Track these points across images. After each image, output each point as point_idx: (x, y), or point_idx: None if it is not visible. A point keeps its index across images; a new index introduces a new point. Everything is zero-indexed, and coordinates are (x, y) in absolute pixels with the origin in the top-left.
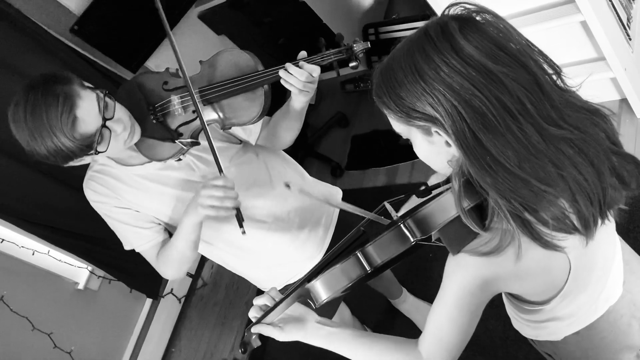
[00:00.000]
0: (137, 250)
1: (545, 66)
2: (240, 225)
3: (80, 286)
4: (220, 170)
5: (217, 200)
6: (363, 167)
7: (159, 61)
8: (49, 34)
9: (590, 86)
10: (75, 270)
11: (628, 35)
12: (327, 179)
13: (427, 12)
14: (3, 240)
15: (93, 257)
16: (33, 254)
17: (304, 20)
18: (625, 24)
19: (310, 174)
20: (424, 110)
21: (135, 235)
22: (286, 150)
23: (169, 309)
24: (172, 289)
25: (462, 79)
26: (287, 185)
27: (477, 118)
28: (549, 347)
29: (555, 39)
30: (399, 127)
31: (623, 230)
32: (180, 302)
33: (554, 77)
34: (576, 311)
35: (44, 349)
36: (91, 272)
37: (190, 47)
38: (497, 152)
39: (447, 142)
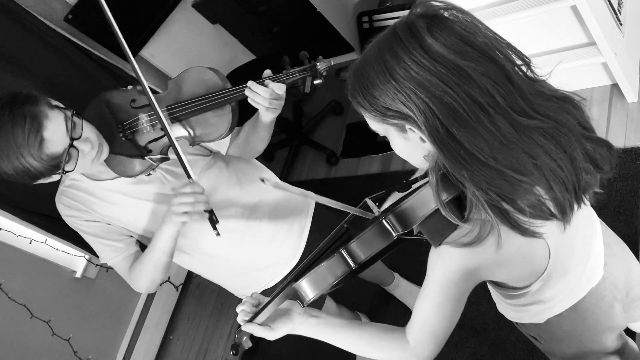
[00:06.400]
0: (109, 264)
1: (514, 57)
2: (214, 228)
3: (78, 274)
4: (189, 176)
5: (189, 206)
6: (358, 155)
7: (154, 50)
8: (42, 23)
9: (581, 71)
10: (73, 258)
11: (619, 20)
12: (322, 167)
13: None
14: (0, 229)
15: (90, 246)
16: (30, 243)
17: (298, 9)
18: (616, 9)
19: (305, 163)
20: (397, 108)
21: (107, 248)
22: (280, 139)
23: (166, 297)
24: (169, 277)
25: (431, 76)
26: (262, 180)
27: (448, 113)
28: (533, 330)
29: (545, 24)
30: (375, 125)
31: (612, 214)
32: (177, 290)
33: (524, 68)
34: (557, 294)
35: (42, 336)
36: (88, 261)
37: (184, 37)
38: (470, 146)
39: (421, 138)
